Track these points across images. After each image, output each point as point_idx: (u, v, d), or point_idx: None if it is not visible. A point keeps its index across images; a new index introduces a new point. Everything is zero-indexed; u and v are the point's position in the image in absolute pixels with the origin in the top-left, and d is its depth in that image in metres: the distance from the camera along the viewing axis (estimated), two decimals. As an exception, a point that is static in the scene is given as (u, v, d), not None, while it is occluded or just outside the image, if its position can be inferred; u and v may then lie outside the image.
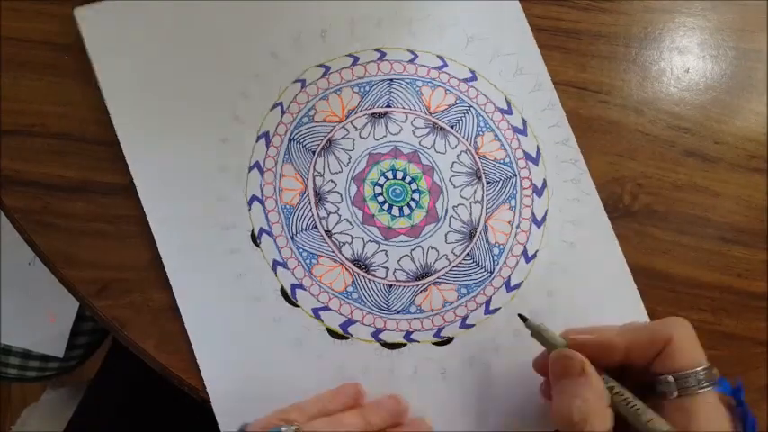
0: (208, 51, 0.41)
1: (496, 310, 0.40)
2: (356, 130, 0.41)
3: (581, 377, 0.31)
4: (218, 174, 0.40)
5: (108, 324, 0.39)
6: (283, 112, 0.41)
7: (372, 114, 0.41)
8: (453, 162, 0.41)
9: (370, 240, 0.40)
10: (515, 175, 0.42)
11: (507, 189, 0.41)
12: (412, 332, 0.39)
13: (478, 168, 0.41)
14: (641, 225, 0.42)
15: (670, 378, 0.31)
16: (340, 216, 0.40)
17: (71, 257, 0.39)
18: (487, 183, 0.41)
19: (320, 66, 0.42)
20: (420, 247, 0.40)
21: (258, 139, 0.40)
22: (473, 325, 0.40)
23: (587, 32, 0.44)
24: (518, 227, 0.41)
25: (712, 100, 0.44)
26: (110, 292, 0.39)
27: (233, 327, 0.38)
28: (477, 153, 0.41)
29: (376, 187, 0.40)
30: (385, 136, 0.41)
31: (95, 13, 0.40)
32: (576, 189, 0.42)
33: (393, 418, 0.37)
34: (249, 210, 0.40)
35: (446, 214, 0.40)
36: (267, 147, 0.40)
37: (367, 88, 0.42)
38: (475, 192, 0.41)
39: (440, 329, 0.40)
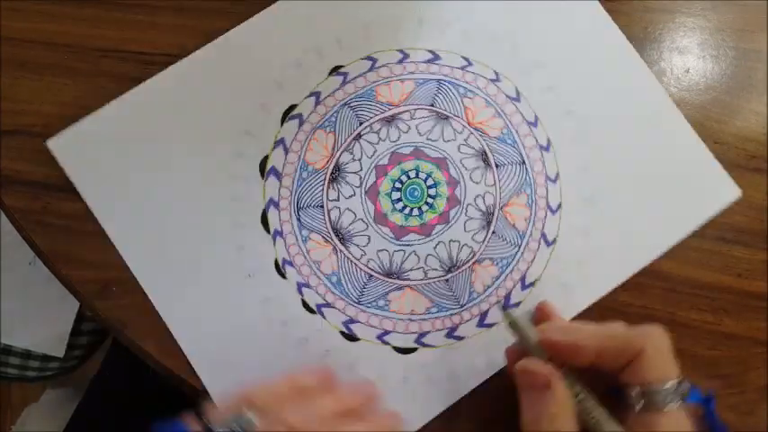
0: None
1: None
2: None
3: (546, 391, 0.31)
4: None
5: (108, 324, 0.39)
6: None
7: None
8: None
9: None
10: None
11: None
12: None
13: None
14: (641, 225, 0.42)
15: (636, 390, 0.31)
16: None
17: (71, 257, 0.39)
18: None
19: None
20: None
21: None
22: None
23: (587, 32, 0.44)
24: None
25: (712, 100, 0.44)
26: (110, 292, 0.39)
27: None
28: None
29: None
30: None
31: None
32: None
33: (368, 401, 0.36)
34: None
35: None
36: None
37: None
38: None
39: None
